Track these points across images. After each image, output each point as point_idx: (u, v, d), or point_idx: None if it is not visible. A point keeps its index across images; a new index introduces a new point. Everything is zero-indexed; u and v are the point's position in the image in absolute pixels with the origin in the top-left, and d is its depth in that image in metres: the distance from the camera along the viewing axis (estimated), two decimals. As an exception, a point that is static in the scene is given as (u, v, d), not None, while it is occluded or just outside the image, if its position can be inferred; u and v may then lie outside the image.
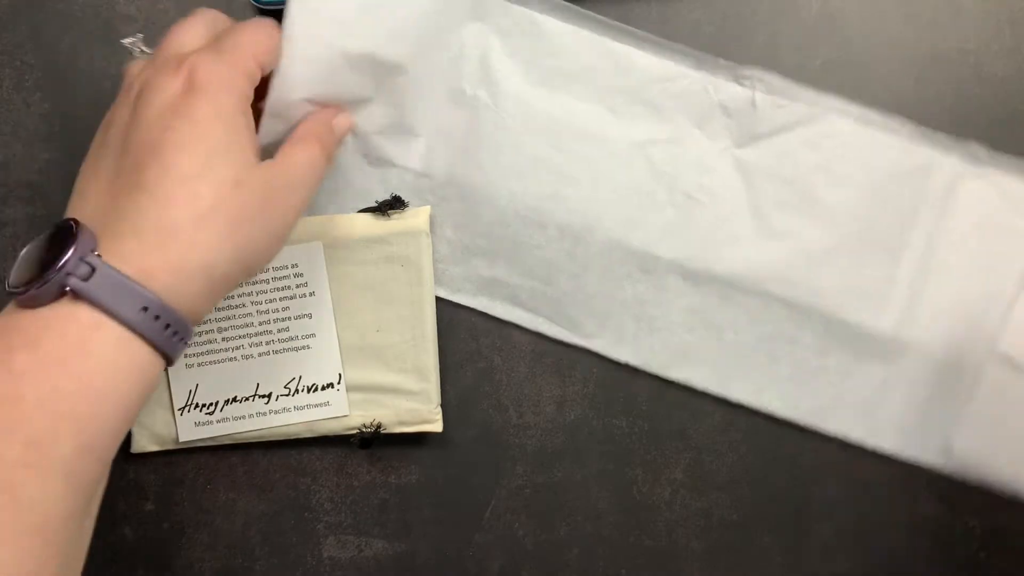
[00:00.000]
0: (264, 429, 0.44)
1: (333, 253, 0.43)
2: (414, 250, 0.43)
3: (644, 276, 0.43)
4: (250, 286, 0.43)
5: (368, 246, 0.43)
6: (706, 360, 0.43)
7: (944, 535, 0.44)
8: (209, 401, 0.43)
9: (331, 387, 0.44)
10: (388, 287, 0.43)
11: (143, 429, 0.44)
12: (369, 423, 0.44)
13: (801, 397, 0.43)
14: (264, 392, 0.43)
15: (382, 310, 0.44)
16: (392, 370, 0.44)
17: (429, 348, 0.44)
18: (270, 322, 0.43)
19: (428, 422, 0.44)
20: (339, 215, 0.44)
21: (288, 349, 0.43)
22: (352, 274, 0.43)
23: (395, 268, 0.43)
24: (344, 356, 0.44)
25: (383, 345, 0.44)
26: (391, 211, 0.43)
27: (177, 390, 0.43)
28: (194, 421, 0.44)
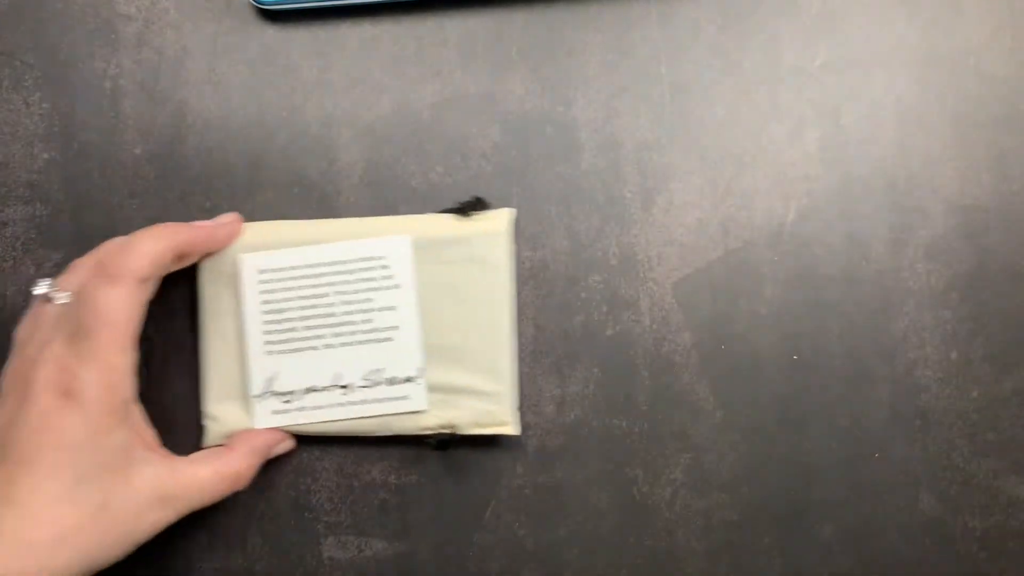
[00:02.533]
0: (340, 421, 0.44)
1: (416, 254, 0.43)
2: (494, 252, 0.43)
3: None
4: (336, 275, 0.43)
5: (449, 246, 0.43)
6: None
7: (944, 535, 0.45)
8: (287, 389, 0.43)
9: (410, 381, 0.43)
10: (467, 288, 0.43)
11: (216, 423, 0.44)
12: (445, 423, 0.43)
13: None
14: (343, 382, 0.43)
15: (461, 310, 0.43)
16: (468, 371, 0.44)
17: (506, 350, 0.44)
18: (353, 312, 0.43)
19: (503, 424, 0.43)
20: (421, 215, 0.44)
21: (370, 340, 0.43)
22: (432, 273, 0.43)
23: (475, 269, 0.43)
24: (430, 358, 0.44)
25: (461, 346, 0.43)
26: (473, 212, 0.43)
27: (255, 377, 0.43)
28: (271, 409, 0.43)
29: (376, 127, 0.46)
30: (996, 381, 0.44)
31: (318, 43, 0.46)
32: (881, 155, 0.45)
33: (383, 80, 0.46)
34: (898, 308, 0.45)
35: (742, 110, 0.45)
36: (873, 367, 0.45)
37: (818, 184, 0.45)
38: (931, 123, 0.44)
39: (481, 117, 0.45)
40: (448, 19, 0.46)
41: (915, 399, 0.45)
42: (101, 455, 0.35)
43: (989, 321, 0.44)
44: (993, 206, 0.45)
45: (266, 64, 0.46)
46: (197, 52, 0.46)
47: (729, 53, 0.45)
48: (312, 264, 0.43)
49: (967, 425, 0.44)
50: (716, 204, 0.45)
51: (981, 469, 0.44)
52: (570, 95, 0.45)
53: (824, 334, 0.45)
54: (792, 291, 0.45)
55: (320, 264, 0.43)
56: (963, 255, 0.44)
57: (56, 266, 0.45)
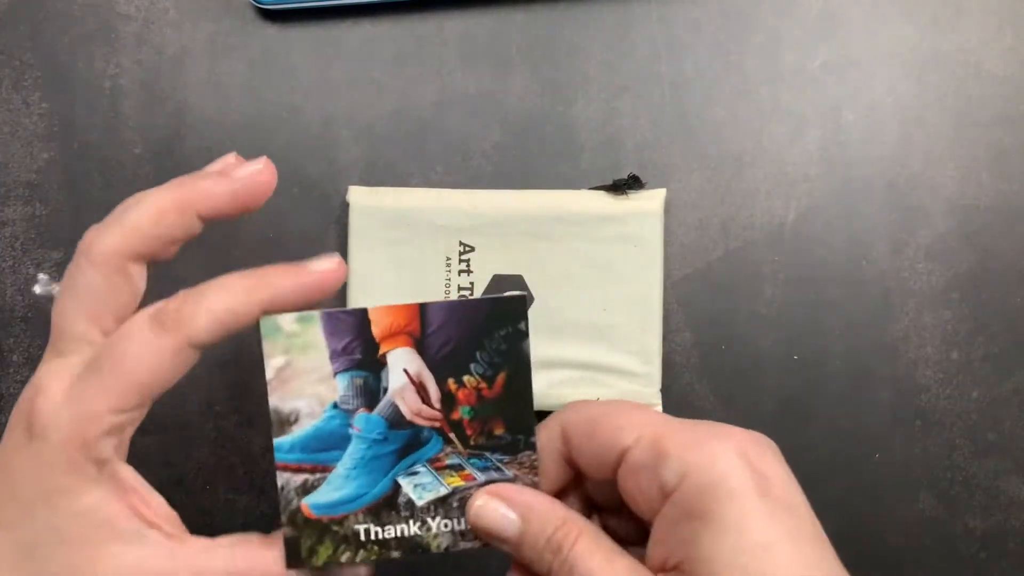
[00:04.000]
0: None
1: (565, 229, 0.43)
2: (648, 231, 0.43)
3: None
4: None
5: (601, 224, 0.43)
6: None
7: (944, 535, 0.44)
8: None
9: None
10: (618, 266, 0.43)
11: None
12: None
13: None
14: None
15: (610, 289, 0.43)
16: (616, 350, 0.43)
17: (655, 331, 0.43)
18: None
19: (651, 405, 0.43)
20: (572, 191, 0.44)
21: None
22: (583, 251, 0.43)
23: (628, 248, 0.43)
24: (568, 333, 0.43)
25: (609, 324, 0.43)
26: (629, 190, 0.43)
27: None
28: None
29: (376, 127, 0.46)
30: (996, 381, 0.44)
31: (318, 43, 0.46)
32: (881, 155, 0.45)
33: (383, 80, 0.46)
34: (898, 308, 0.45)
35: (742, 110, 0.45)
36: (873, 367, 0.45)
37: (818, 184, 0.45)
38: (931, 123, 0.44)
39: (481, 117, 0.45)
40: (448, 19, 0.46)
41: (915, 399, 0.45)
42: (56, 519, 0.27)
43: (990, 321, 0.44)
44: (993, 206, 0.44)
45: (266, 64, 0.46)
46: (197, 52, 0.46)
47: (729, 53, 0.45)
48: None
49: (967, 425, 0.44)
50: (716, 204, 0.45)
51: (981, 469, 0.44)
52: (570, 95, 0.45)
53: (824, 334, 0.45)
54: (792, 291, 0.45)
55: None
56: (964, 255, 0.44)
57: (56, 266, 0.45)
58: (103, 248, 0.29)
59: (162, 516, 0.29)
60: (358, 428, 0.31)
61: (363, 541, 0.31)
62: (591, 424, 0.30)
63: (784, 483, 0.28)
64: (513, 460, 0.31)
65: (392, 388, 0.31)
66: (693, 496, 0.27)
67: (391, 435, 0.31)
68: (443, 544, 0.31)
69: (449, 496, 0.31)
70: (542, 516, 0.29)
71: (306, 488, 0.30)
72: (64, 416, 0.27)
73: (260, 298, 0.29)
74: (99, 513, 0.28)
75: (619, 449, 0.28)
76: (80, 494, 0.28)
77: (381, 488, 0.31)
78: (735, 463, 0.27)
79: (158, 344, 0.28)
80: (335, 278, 0.29)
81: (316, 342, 0.30)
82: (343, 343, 0.30)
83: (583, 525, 0.29)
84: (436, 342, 0.30)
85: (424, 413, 0.31)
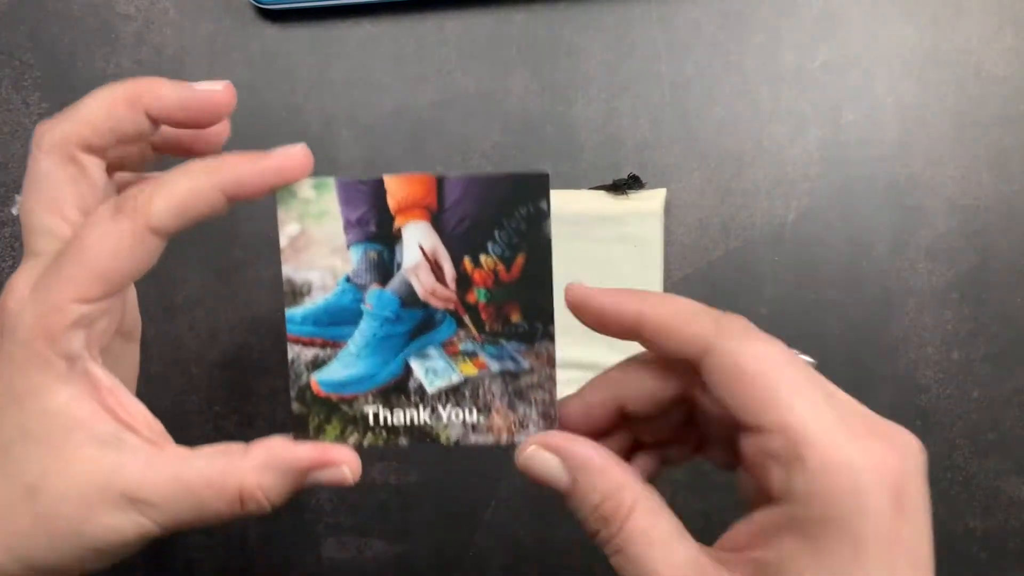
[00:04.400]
0: None
1: (565, 229, 0.43)
2: (648, 231, 0.43)
3: None
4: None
5: (601, 224, 0.43)
6: None
7: (945, 535, 0.44)
8: None
9: None
10: (618, 266, 0.43)
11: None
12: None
13: None
14: None
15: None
16: (616, 351, 0.43)
17: None
18: None
19: None
20: (572, 190, 0.44)
21: None
22: (582, 251, 0.43)
23: (627, 248, 0.43)
24: (569, 333, 0.43)
25: None
26: (629, 190, 0.43)
27: None
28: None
29: (376, 127, 0.46)
30: (997, 381, 0.44)
31: (318, 43, 0.46)
32: (882, 155, 0.45)
33: (383, 80, 0.46)
34: (899, 308, 0.44)
35: (742, 110, 0.45)
36: (874, 367, 0.44)
37: (819, 184, 0.45)
38: (932, 123, 0.44)
39: (481, 117, 0.45)
40: (448, 19, 0.46)
41: (916, 399, 0.45)
42: (26, 420, 0.27)
43: (990, 321, 0.44)
44: (994, 206, 0.44)
45: (266, 64, 0.46)
46: (197, 52, 0.46)
47: (729, 53, 0.45)
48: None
49: (968, 425, 0.44)
50: (716, 204, 0.45)
51: (982, 469, 0.44)
52: (570, 95, 0.45)
53: (825, 334, 0.45)
54: (793, 291, 0.45)
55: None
56: (964, 255, 0.44)
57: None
58: (52, 137, 0.29)
59: (141, 421, 0.28)
60: (370, 304, 0.30)
61: (371, 425, 0.30)
62: (741, 375, 0.26)
63: (916, 531, 0.25)
64: (530, 350, 0.29)
65: (406, 264, 0.29)
66: (816, 521, 0.24)
67: (403, 314, 0.30)
68: (453, 436, 0.30)
69: (461, 384, 0.30)
70: (593, 479, 0.27)
71: (316, 363, 0.30)
72: (28, 311, 0.27)
73: (220, 179, 0.28)
74: (71, 413, 0.27)
75: (760, 422, 0.25)
76: (50, 392, 0.27)
77: (392, 370, 0.30)
78: (873, 502, 0.24)
79: (118, 229, 0.27)
80: (298, 165, 0.28)
81: (331, 210, 0.29)
82: (358, 213, 0.29)
83: (637, 495, 0.27)
84: (453, 218, 0.29)
85: (438, 293, 0.29)
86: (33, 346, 0.27)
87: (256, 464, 0.28)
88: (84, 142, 0.29)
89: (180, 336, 0.45)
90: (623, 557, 0.26)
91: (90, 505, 0.27)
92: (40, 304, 0.27)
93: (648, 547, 0.26)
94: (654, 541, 0.26)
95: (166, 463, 0.27)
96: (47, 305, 0.27)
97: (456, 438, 0.30)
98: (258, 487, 0.28)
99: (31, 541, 0.27)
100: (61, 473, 0.27)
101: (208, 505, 0.28)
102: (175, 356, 0.45)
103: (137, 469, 0.27)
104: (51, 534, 0.27)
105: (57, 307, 0.27)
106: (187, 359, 0.45)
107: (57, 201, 0.29)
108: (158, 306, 0.45)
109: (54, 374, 0.27)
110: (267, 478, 0.28)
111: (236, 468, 0.28)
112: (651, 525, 0.26)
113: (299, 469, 0.28)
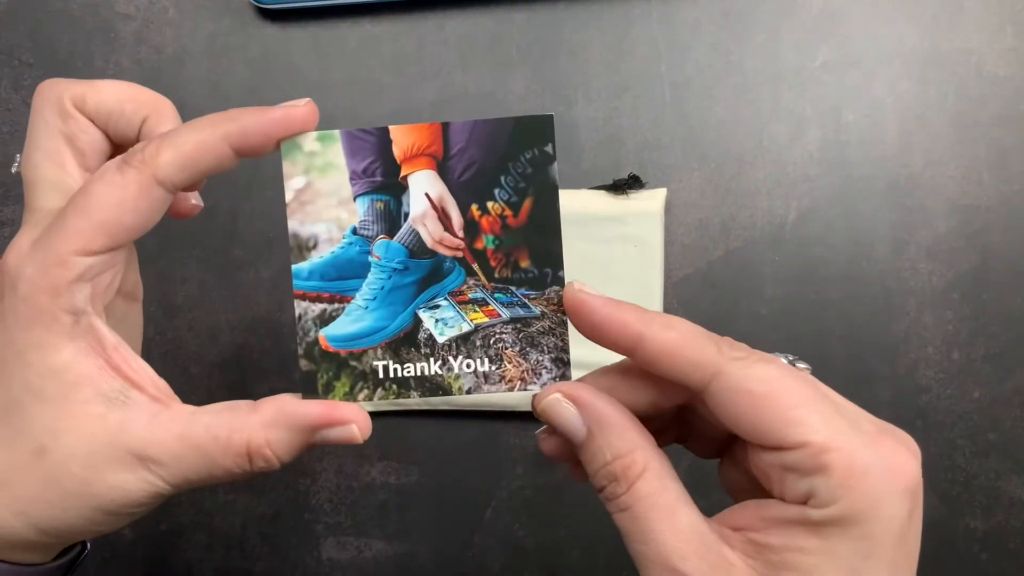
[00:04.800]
0: None
1: (565, 228, 0.42)
2: (649, 231, 0.43)
3: None
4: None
5: (602, 223, 0.43)
6: None
7: (944, 535, 0.44)
8: None
9: None
10: (619, 266, 0.43)
11: None
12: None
13: None
14: None
15: (611, 289, 0.42)
16: None
17: None
18: None
19: None
20: (572, 190, 0.44)
21: None
22: (583, 251, 0.43)
23: (628, 248, 0.43)
24: (569, 333, 0.43)
25: None
26: (629, 190, 0.43)
27: None
28: None
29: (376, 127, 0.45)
30: (998, 381, 0.44)
31: (318, 43, 0.46)
32: (882, 155, 0.45)
33: (383, 80, 0.46)
34: (899, 308, 0.44)
35: (742, 110, 0.45)
36: (874, 367, 0.44)
37: (819, 184, 0.45)
38: (932, 123, 0.44)
39: (481, 117, 0.45)
40: (448, 19, 0.46)
41: (916, 399, 0.44)
42: (31, 377, 0.26)
43: (991, 321, 0.44)
44: (994, 206, 0.44)
45: (266, 64, 0.46)
46: (196, 51, 0.46)
47: (729, 53, 0.45)
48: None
49: (968, 425, 0.44)
50: (717, 204, 0.45)
51: (983, 470, 0.44)
52: (570, 95, 0.45)
53: (825, 334, 0.44)
54: (793, 291, 0.45)
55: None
56: (965, 255, 0.44)
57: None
58: (47, 93, 0.29)
59: (146, 379, 0.28)
60: (378, 256, 0.29)
61: (381, 379, 0.29)
62: (752, 399, 0.26)
63: (916, 533, 0.26)
64: (540, 296, 0.29)
65: (413, 214, 0.29)
66: (833, 521, 0.25)
67: (412, 264, 0.29)
68: (465, 386, 0.29)
69: (472, 333, 0.29)
70: (610, 436, 0.27)
71: (324, 319, 0.29)
72: (30, 264, 0.26)
73: (225, 131, 0.27)
74: (76, 369, 0.27)
75: (781, 443, 0.26)
76: (54, 348, 0.26)
77: (401, 322, 0.29)
78: (892, 506, 0.25)
79: (123, 181, 0.26)
80: (302, 116, 0.28)
81: (336, 162, 0.29)
82: (364, 164, 0.29)
83: (649, 458, 0.27)
84: (459, 165, 0.29)
85: (446, 241, 0.29)
86: (36, 301, 0.26)
87: (264, 420, 0.28)
88: (77, 95, 0.29)
89: (180, 336, 0.45)
90: (627, 515, 0.27)
91: (97, 464, 0.26)
92: (42, 258, 0.26)
93: (653, 509, 0.26)
94: (660, 504, 0.26)
95: (173, 420, 0.27)
96: (50, 258, 0.26)
97: (468, 388, 0.29)
98: (266, 443, 0.27)
99: (41, 503, 0.27)
100: (68, 431, 0.26)
101: (216, 462, 0.27)
102: (175, 356, 0.45)
103: (143, 426, 0.27)
104: (60, 494, 0.26)
105: (60, 260, 0.26)
106: (187, 359, 0.45)
107: (57, 151, 0.29)
108: (158, 306, 0.45)
109: (58, 329, 0.26)
110: (275, 434, 0.27)
111: (244, 424, 0.27)
112: (659, 489, 0.27)
113: (308, 426, 0.28)
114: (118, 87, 0.30)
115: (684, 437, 0.32)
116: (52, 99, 0.29)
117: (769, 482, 0.27)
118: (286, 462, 0.28)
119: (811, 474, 0.25)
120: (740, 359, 0.26)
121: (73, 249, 0.26)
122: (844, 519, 0.25)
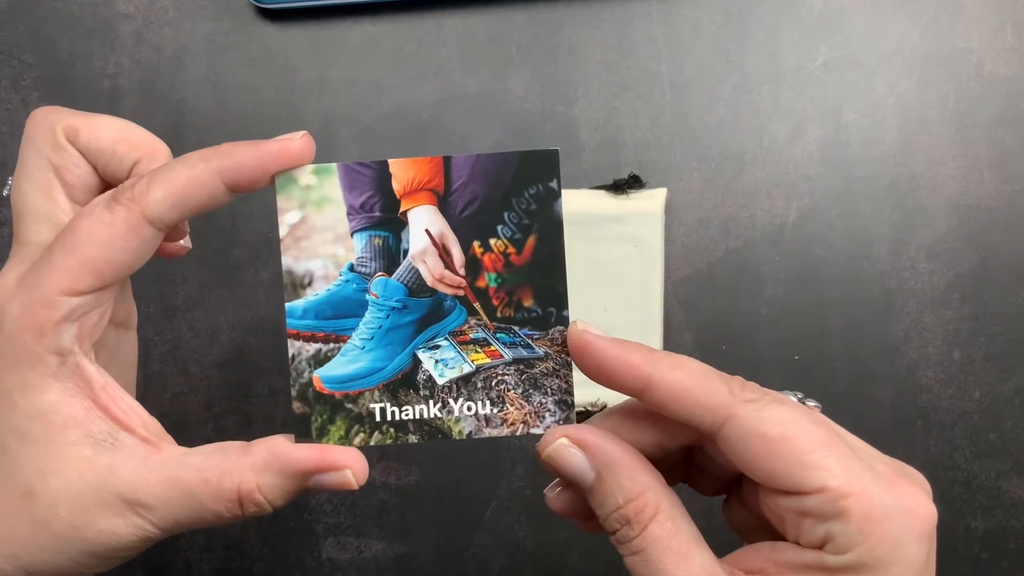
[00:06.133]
0: None
1: (565, 228, 0.42)
2: (649, 231, 0.43)
3: None
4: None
5: (601, 224, 0.43)
6: None
7: (944, 535, 0.44)
8: None
9: None
10: (619, 267, 0.43)
11: None
12: (593, 402, 0.43)
13: None
14: None
15: (611, 289, 0.43)
16: None
17: (656, 331, 0.43)
18: None
19: None
20: (572, 190, 0.44)
21: None
22: (583, 251, 0.43)
23: (628, 248, 0.43)
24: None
25: (609, 325, 0.42)
26: (629, 190, 0.43)
27: None
28: None
29: (376, 127, 0.45)
30: (998, 381, 0.44)
31: (318, 42, 0.46)
32: (882, 155, 0.45)
33: (382, 80, 0.46)
34: (899, 308, 0.44)
35: (742, 110, 0.45)
36: (875, 367, 0.44)
37: (819, 184, 0.45)
38: (932, 123, 0.44)
39: (481, 117, 0.45)
40: (448, 18, 0.46)
41: (917, 400, 0.44)
42: (18, 418, 0.26)
43: (991, 321, 0.44)
44: (995, 206, 0.44)
45: (265, 63, 0.46)
46: (196, 51, 0.46)
47: (729, 53, 0.45)
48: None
49: (969, 426, 0.44)
50: (717, 204, 0.45)
51: (983, 470, 0.44)
52: (570, 95, 0.45)
53: (825, 334, 0.44)
54: (793, 291, 0.45)
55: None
56: (965, 255, 0.44)
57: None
58: (40, 122, 0.29)
59: (136, 419, 0.27)
60: (376, 294, 0.28)
61: (378, 422, 0.28)
62: (767, 443, 0.26)
63: (931, 573, 0.26)
64: (544, 336, 0.28)
65: (413, 250, 0.28)
66: (851, 566, 0.25)
67: (411, 303, 0.28)
68: (465, 430, 0.28)
69: (473, 375, 0.28)
70: (620, 479, 0.27)
71: (319, 359, 0.28)
72: (16, 302, 0.26)
73: (218, 166, 0.26)
74: (63, 411, 0.26)
75: (798, 488, 0.25)
76: (40, 390, 0.26)
77: (399, 363, 0.28)
78: (912, 551, 0.25)
79: (111, 218, 0.26)
80: (298, 149, 0.27)
81: (333, 196, 0.28)
82: (362, 199, 0.28)
83: (661, 499, 0.27)
84: (461, 200, 0.28)
85: (447, 279, 0.28)
86: (21, 340, 0.25)
87: (255, 463, 0.27)
88: (69, 127, 0.29)
89: (180, 336, 0.45)
90: (640, 559, 0.26)
91: (86, 508, 0.26)
92: (28, 296, 0.26)
93: (667, 552, 0.26)
94: (673, 547, 0.26)
95: (162, 463, 0.27)
96: (35, 298, 0.25)
97: (468, 431, 0.28)
98: (256, 488, 0.27)
99: (30, 546, 0.26)
100: (56, 474, 0.26)
101: (206, 506, 0.27)
102: (175, 356, 0.45)
103: (132, 469, 0.26)
104: (50, 539, 0.26)
105: (46, 300, 0.25)
106: (187, 359, 0.45)
107: (47, 183, 0.28)
108: (158, 306, 0.45)
109: (44, 370, 0.26)
110: (266, 479, 0.27)
111: (234, 467, 0.27)
112: (672, 531, 0.26)
113: (300, 472, 0.27)
114: (114, 125, 0.29)
115: (690, 476, 0.31)
116: (45, 129, 0.29)
117: (782, 525, 0.26)
118: (279, 507, 0.27)
119: (829, 519, 0.25)
120: (752, 401, 0.26)
121: (59, 288, 0.26)
122: (863, 565, 0.24)
